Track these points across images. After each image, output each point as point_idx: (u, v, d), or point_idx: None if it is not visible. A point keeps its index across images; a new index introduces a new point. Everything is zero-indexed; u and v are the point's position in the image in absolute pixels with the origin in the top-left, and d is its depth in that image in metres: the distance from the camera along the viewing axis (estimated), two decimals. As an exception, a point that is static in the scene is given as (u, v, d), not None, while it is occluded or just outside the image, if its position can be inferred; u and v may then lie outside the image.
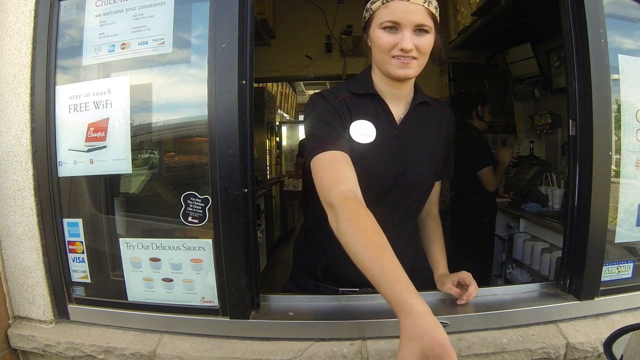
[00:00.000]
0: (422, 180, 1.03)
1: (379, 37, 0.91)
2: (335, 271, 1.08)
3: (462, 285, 1.09)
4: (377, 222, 0.77)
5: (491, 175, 2.33)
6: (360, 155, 0.93)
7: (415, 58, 0.91)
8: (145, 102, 1.11)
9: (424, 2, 0.89)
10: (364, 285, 1.04)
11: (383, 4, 0.90)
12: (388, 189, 1.00)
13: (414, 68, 0.92)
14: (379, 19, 0.91)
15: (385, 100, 1.00)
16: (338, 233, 0.77)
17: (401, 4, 0.88)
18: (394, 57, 0.91)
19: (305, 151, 0.94)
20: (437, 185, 1.20)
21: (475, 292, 1.07)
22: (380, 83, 1.00)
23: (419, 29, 0.90)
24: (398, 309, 0.62)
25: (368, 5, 0.95)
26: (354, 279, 1.00)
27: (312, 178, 0.89)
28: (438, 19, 0.95)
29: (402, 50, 0.89)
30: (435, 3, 0.92)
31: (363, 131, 0.95)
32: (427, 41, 0.91)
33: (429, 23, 0.91)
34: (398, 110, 1.01)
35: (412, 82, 1.01)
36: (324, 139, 0.90)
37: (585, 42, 1.07)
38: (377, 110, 0.99)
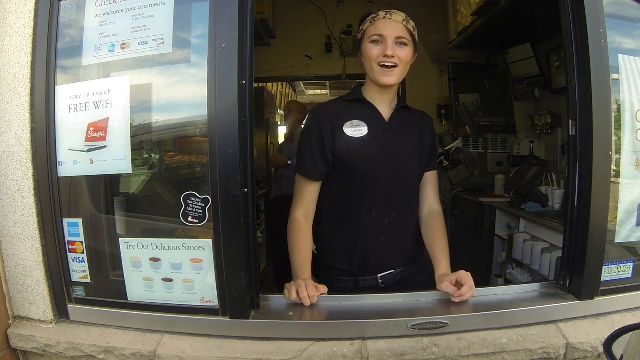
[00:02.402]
0: (410, 167, 1.20)
1: (368, 49, 1.12)
2: (329, 261, 1.23)
3: (460, 285, 1.09)
4: (385, 207, 1.16)
5: None
6: (356, 146, 1.14)
7: (396, 65, 1.10)
8: (145, 102, 1.11)
9: (403, 21, 1.11)
10: (357, 274, 1.20)
11: (371, 23, 1.13)
12: (388, 173, 1.16)
13: (396, 76, 1.12)
14: (367, 35, 1.13)
15: (374, 103, 1.18)
16: (287, 234, 1.18)
17: (384, 21, 1.10)
18: (379, 64, 1.10)
19: (296, 160, 1.22)
20: (431, 179, 1.26)
21: (470, 292, 1.08)
22: (370, 91, 1.19)
23: (399, 42, 1.10)
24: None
25: (360, 28, 1.16)
26: (347, 268, 1.20)
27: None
28: (417, 38, 1.14)
29: (385, 56, 1.09)
30: (412, 24, 1.13)
31: (355, 128, 1.15)
32: (406, 52, 1.11)
33: (407, 37, 1.11)
34: (384, 111, 1.19)
35: (395, 89, 1.19)
36: (306, 161, 1.17)
37: (585, 42, 1.07)
38: (367, 111, 1.18)
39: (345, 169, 1.15)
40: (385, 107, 1.18)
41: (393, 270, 1.20)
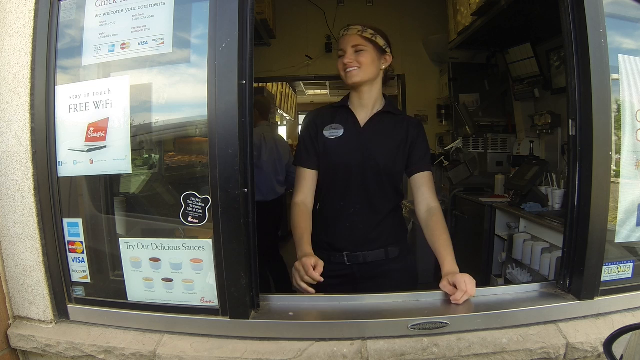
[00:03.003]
0: (383, 166, 1.31)
1: (338, 63, 1.31)
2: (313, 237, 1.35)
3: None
4: (352, 198, 1.32)
5: None
6: (334, 146, 1.32)
7: (357, 67, 1.27)
8: (145, 102, 1.11)
9: (358, 32, 1.28)
10: (329, 250, 1.34)
11: (337, 41, 1.36)
12: (356, 170, 1.31)
13: (357, 76, 1.28)
14: (337, 53, 1.33)
15: (354, 109, 1.35)
16: (290, 218, 1.34)
17: (343, 38, 1.31)
18: (344, 71, 1.29)
19: (294, 158, 1.41)
20: (425, 179, 1.32)
21: (464, 296, 1.09)
22: (352, 98, 1.36)
23: (357, 49, 1.27)
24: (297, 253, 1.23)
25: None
26: (321, 245, 1.33)
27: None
28: (379, 41, 1.29)
29: (344, 64, 1.28)
30: (370, 31, 1.28)
31: (332, 131, 1.34)
32: (364, 56, 1.27)
33: (363, 43, 1.27)
34: (364, 116, 1.34)
35: (371, 94, 1.33)
36: (300, 154, 1.36)
37: (585, 42, 1.07)
38: (346, 116, 1.35)
39: (324, 164, 1.34)
40: (365, 111, 1.35)
41: (358, 252, 1.33)
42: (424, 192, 1.31)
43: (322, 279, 1.12)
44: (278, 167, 2.80)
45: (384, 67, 1.32)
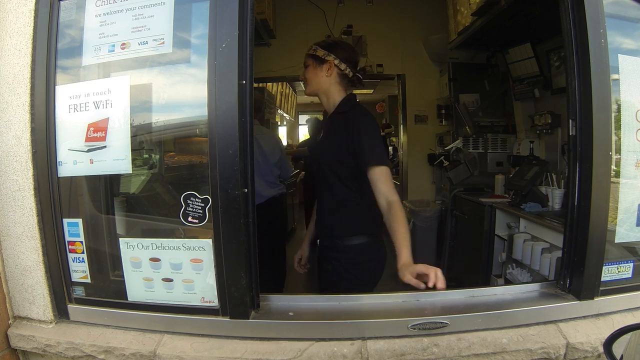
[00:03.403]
0: (326, 163, 1.41)
1: None
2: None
3: (421, 277, 1.04)
4: (317, 191, 1.49)
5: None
6: (314, 147, 1.46)
7: (305, 82, 1.44)
8: (145, 102, 1.11)
9: (306, 51, 1.43)
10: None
11: None
12: (315, 168, 1.49)
13: (305, 89, 1.46)
14: None
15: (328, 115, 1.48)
16: None
17: None
18: None
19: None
20: (376, 175, 1.27)
21: (437, 274, 1.02)
22: None
23: (305, 66, 1.43)
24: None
25: None
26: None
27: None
28: (318, 53, 1.39)
29: None
30: (314, 46, 1.41)
31: (320, 134, 1.51)
32: (306, 72, 1.42)
33: (306, 60, 1.42)
34: (326, 119, 1.49)
35: (329, 100, 1.42)
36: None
37: (585, 42, 1.07)
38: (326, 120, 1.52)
39: None
40: (328, 115, 1.46)
41: (321, 237, 1.51)
42: (379, 188, 1.27)
43: (304, 270, 1.58)
44: (263, 167, 2.57)
45: (328, 74, 1.37)
